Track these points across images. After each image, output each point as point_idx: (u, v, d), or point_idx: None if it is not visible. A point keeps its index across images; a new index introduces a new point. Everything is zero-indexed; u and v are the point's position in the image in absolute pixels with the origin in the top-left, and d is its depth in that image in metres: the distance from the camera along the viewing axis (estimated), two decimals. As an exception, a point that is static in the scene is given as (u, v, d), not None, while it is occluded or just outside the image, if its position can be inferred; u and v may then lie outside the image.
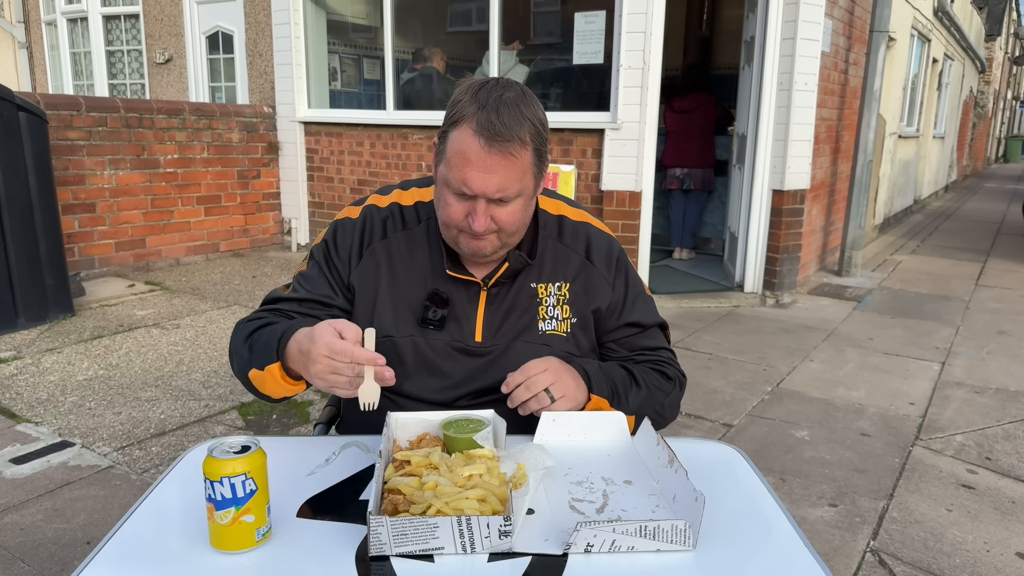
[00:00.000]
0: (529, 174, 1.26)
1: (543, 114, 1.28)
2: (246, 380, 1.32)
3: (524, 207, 1.29)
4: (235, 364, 1.37)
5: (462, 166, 1.22)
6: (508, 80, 1.27)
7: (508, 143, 1.20)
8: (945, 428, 3.39)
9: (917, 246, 8.54)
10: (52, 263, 4.45)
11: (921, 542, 2.46)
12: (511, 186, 1.24)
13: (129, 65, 8.30)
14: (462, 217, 1.26)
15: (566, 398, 1.27)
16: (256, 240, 6.81)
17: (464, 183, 1.22)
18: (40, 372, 3.70)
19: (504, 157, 1.21)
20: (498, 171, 1.21)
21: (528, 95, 1.26)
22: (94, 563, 0.93)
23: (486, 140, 1.19)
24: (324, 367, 1.13)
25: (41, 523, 2.43)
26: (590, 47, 5.40)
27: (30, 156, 4.29)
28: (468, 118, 1.21)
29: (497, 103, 1.20)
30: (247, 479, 0.92)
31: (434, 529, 0.92)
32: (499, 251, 1.33)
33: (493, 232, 1.28)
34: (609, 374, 1.37)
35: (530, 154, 1.24)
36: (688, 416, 3.42)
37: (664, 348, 1.51)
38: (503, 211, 1.26)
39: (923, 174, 12.34)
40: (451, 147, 1.23)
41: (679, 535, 0.97)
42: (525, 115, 1.23)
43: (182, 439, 3.05)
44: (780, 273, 5.49)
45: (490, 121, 1.19)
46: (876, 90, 6.16)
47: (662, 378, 1.45)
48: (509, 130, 1.20)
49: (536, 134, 1.25)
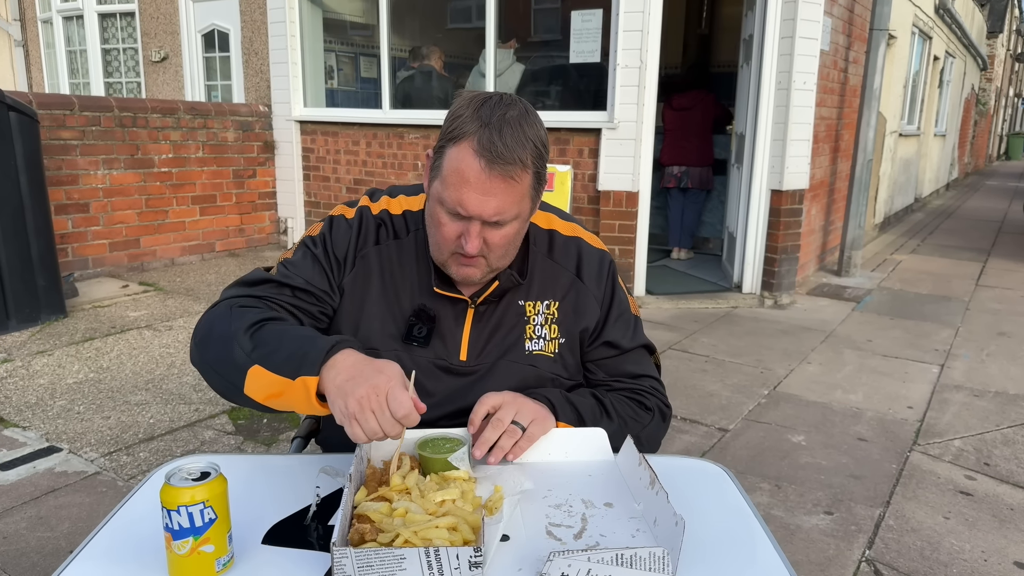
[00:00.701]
0: (527, 197, 1.22)
1: (544, 133, 1.23)
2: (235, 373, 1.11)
3: (518, 230, 1.25)
4: (216, 350, 1.15)
5: (459, 186, 1.17)
6: (512, 97, 1.22)
7: (510, 166, 1.15)
8: (943, 433, 3.35)
9: (917, 245, 8.50)
10: (44, 264, 4.41)
11: (918, 551, 2.43)
12: (508, 209, 1.19)
13: (125, 63, 8.26)
14: (454, 237, 1.22)
15: (536, 421, 1.22)
16: (252, 240, 6.77)
17: (460, 204, 1.18)
18: (30, 375, 3.67)
19: (504, 180, 1.16)
20: (497, 194, 1.17)
21: (531, 114, 1.21)
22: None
23: (487, 162, 1.15)
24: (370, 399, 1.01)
25: (25, 531, 2.39)
26: (587, 46, 5.36)
27: (21, 156, 4.25)
28: (468, 136, 1.16)
29: (500, 122, 1.15)
30: (205, 508, 0.89)
31: (400, 561, 0.89)
32: (488, 275, 1.29)
33: (483, 255, 1.24)
34: (575, 403, 1.31)
35: (530, 177, 1.20)
36: (683, 420, 3.38)
37: (647, 376, 1.43)
38: (497, 233, 1.21)
39: (924, 172, 12.28)
40: (448, 164, 1.18)
41: (657, 563, 0.93)
42: (528, 136, 1.17)
43: (171, 444, 3.01)
44: (779, 274, 5.45)
45: (492, 142, 1.14)
46: (876, 88, 6.11)
47: (639, 408, 1.38)
48: (511, 152, 1.15)
49: (538, 156, 1.20)
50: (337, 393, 1.03)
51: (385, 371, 1.04)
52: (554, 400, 1.28)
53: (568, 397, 1.32)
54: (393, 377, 1.04)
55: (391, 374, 1.04)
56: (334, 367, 1.06)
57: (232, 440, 3.08)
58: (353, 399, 1.01)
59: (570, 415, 1.28)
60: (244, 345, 1.12)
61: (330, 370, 1.06)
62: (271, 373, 1.08)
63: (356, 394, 1.01)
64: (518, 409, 1.21)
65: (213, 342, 1.17)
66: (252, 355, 1.10)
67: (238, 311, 1.19)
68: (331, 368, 1.06)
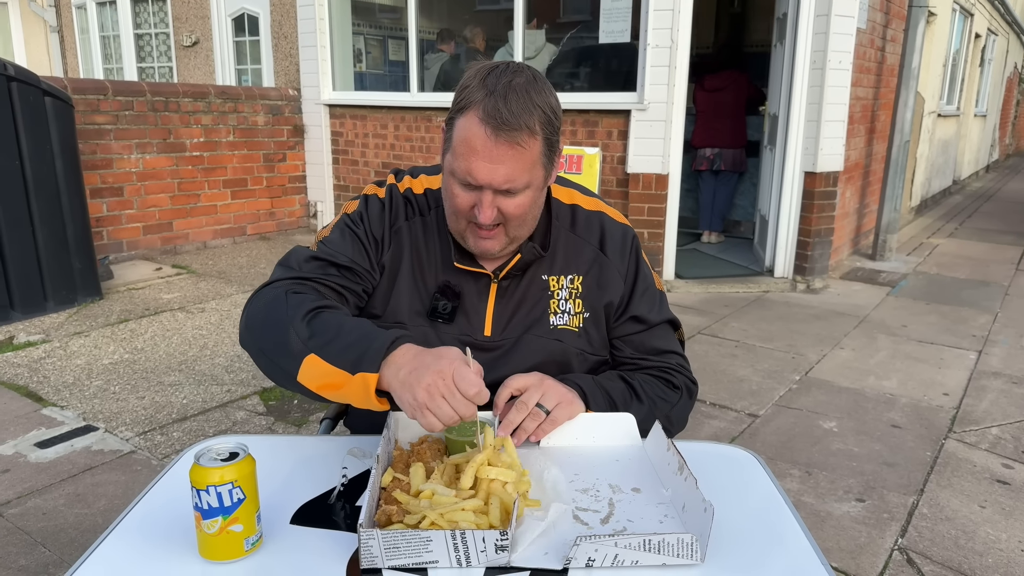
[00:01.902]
0: (539, 165, 1.21)
1: (555, 100, 1.21)
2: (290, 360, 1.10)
3: (533, 198, 1.24)
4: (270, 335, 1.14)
5: (468, 156, 1.17)
6: (519, 64, 1.21)
7: (516, 132, 1.15)
8: (980, 420, 3.28)
9: (955, 229, 8.30)
10: (80, 247, 4.49)
11: (952, 540, 2.38)
12: (519, 177, 1.18)
13: (157, 48, 8.34)
14: (468, 208, 1.22)
15: (561, 405, 1.21)
16: (282, 223, 6.83)
17: (469, 173, 1.17)
18: (67, 356, 3.75)
19: (511, 147, 1.15)
20: (505, 161, 1.16)
21: (539, 80, 1.20)
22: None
23: (493, 129, 1.14)
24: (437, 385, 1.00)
25: (63, 508, 2.45)
26: (617, 25, 5.29)
27: (57, 141, 4.32)
28: (475, 105, 1.16)
29: (506, 89, 1.15)
30: (234, 488, 0.89)
31: (427, 543, 0.89)
32: (508, 247, 1.29)
33: (500, 224, 1.23)
34: (606, 388, 1.30)
35: (540, 144, 1.19)
36: (712, 405, 3.35)
37: (673, 352, 1.43)
38: (511, 202, 1.21)
39: (963, 154, 11.98)
40: (457, 135, 1.18)
41: (686, 549, 0.92)
42: (535, 102, 1.16)
43: (203, 424, 3.06)
44: (811, 257, 5.36)
45: (497, 109, 1.14)
46: (914, 68, 5.95)
47: (667, 387, 1.37)
48: (517, 118, 1.14)
49: (547, 122, 1.19)
50: (403, 388, 1.02)
51: (445, 355, 1.03)
52: (585, 387, 1.27)
53: (599, 382, 1.31)
54: (455, 359, 1.03)
55: (452, 356, 1.04)
56: (394, 363, 1.05)
57: (263, 420, 3.12)
58: (421, 389, 1.00)
59: (601, 402, 1.28)
60: (301, 333, 1.10)
61: (390, 367, 1.05)
62: (327, 363, 1.07)
63: (423, 383, 1.00)
64: (544, 392, 1.21)
65: (268, 327, 1.15)
66: (309, 343, 1.09)
67: (293, 297, 1.17)
68: (391, 365, 1.05)
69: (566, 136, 5.41)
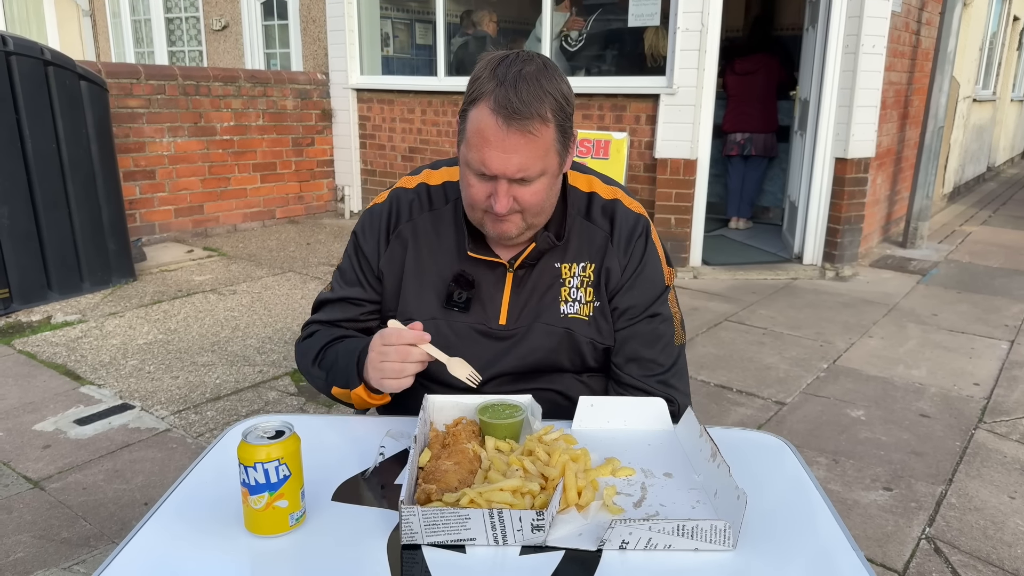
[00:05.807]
0: (552, 152, 1.21)
1: (567, 87, 1.22)
2: (330, 394, 1.40)
3: (548, 186, 1.25)
4: (312, 382, 1.45)
5: (481, 146, 1.18)
6: (530, 53, 1.22)
7: (527, 121, 1.15)
8: (1011, 411, 3.24)
9: (989, 216, 8.15)
10: (114, 229, 4.58)
11: (980, 530, 2.37)
12: (532, 165, 1.19)
13: (187, 32, 8.41)
14: (484, 198, 1.23)
15: None
16: (311, 207, 6.89)
17: (483, 163, 1.19)
18: (103, 335, 3.84)
19: (523, 135, 1.16)
20: (518, 150, 1.17)
21: (550, 68, 1.20)
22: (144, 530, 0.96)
23: (504, 118, 1.15)
24: (376, 356, 1.22)
25: (102, 483, 2.53)
26: (646, 8, 5.24)
27: (92, 124, 4.40)
28: (486, 95, 1.17)
29: (516, 78, 1.15)
30: (280, 465, 0.92)
31: (466, 520, 0.91)
32: (525, 233, 1.29)
33: (516, 212, 1.24)
34: None
35: (552, 131, 1.19)
36: (739, 393, 3.35)
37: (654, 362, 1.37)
38: (526, 191, 1.22)
39: (998, 140, 11.72)
40: (470, 126, 1.20)
41: (718, 535, 0.93)
42: (546, 90, 1.17)
43: (236, 404, 3.12)
44: (841, 244, 5.30)
45: (508, 98, 1.15)
46: (950, 52, 5.83)
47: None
48: (528, 107, 1.15)
49: (558, 109, 1.19)
50: (373, 381, 1.26)
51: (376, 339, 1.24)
52: None
53: None
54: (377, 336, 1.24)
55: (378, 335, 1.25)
56: (366, 370, 1.27)
57: (295, 401, 3.18)
58: (372, 372, 1.24)
59: None
60: (318, 375, 1.40)
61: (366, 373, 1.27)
62: (341, 388, 1.34)
63: (371, 368, 1.24)
64: None
65: (306, 376, 1.47)
66: (327, 380, 1.38)
67: (301, 347, 1.47)
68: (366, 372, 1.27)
69: (593, 120, 5.38)
